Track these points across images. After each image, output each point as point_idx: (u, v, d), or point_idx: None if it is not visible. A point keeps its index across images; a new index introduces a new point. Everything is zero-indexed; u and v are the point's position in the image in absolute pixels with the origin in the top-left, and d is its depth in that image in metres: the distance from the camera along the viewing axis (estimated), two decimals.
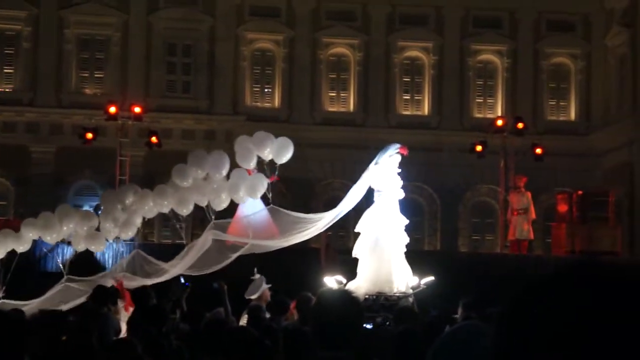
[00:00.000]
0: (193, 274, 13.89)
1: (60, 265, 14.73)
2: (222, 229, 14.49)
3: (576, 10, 35.64)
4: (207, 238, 14.29)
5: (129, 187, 15.26)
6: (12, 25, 33.64)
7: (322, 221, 14.89)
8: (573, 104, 36.06)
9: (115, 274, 13.96)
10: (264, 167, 14.88)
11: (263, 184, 14.63)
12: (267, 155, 14.63)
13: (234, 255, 14.19)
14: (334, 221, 14.99)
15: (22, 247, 14.56)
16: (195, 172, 14.55)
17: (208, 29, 34.35)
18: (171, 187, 14.73)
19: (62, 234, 14.56)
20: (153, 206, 14.58)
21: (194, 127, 33.80)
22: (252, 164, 14.56)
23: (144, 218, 14.99)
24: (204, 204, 14.57)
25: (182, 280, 12.97)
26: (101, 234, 14.64)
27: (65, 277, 14.26)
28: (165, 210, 14.72)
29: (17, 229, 14.83)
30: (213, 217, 14.56)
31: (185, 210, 14.60)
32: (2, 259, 14.44)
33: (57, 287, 13.99)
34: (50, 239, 14.63)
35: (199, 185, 14.56)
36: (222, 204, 14.57)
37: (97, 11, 33.67)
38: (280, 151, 14.68)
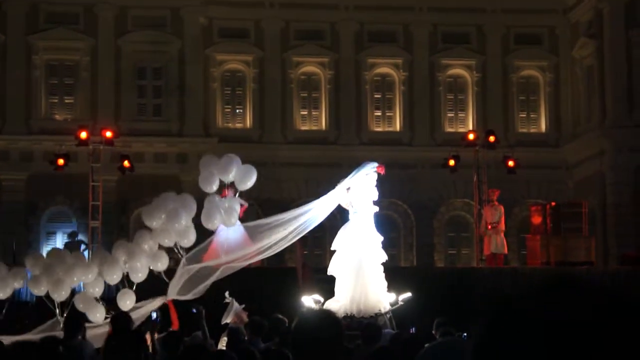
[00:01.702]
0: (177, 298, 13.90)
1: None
2: (195, 260, 14.40)
3: (543, 23, 35.99)
4: (181, 275, 14.19)
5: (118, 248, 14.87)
6: None
7: (290, 225, 14.70)
8: (543, 116, 36.33)
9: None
10: (225, 186, 14.85)
11: (236, 208, 14.57)
12: (230, 180, 14.54)
13: (210, 280, 14.10)
14: (303, 230, 14.81)
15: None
16: (160, 217, 14.38)
17: (177, 51, 34.31)
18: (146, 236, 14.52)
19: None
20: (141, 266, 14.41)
21: (166, 150, 33.68)
22: (214, 188, 14.46)
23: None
24: (171, 244, 14.41)
25: (154, 316, 12.89)
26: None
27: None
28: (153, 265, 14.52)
29: None
30: (183, 253, 14.43)
31: (160, 265, 14.41)
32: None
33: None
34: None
35: (164, 228, 14.33)
36: (190, 242, 14.46)
37: (65, 36, 33.54)
38: (243, 178, 14.59)
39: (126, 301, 14.09)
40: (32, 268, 14.34)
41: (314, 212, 14.82)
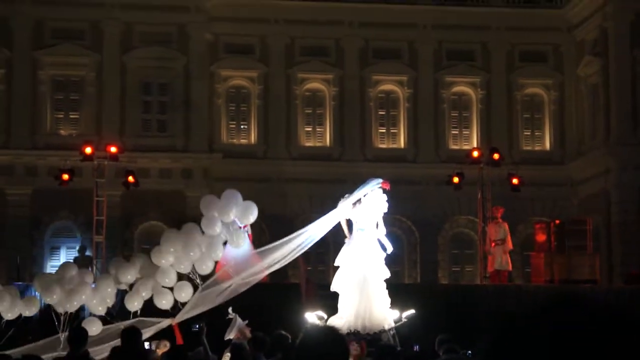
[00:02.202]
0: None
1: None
2: (210, 285, 14.50)
3: (548, 41, 36.04)
4: (195, 300, 14.27)
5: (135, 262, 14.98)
6: None
7: (294, 242, 14.73)
8: (548, 134, 36.33)
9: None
10: None
11: (241, 236, 14.64)
12: (231, 219, 14.57)
13: (220, 299, 14.16)
14: (306, 246, 14.81)
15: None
16: (169, 251, 14.46)
17: (182, 67, 34.39)
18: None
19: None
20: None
21: (171, 166, 33.72)
22: (218, 230, 14.50)
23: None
24: (187, 271, 14.53)
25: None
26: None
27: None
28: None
29: None
30: (200, 282, 14.50)
31: (184, 295, 14.57)
32: None
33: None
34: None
35: (178, 257, 14.47)
36: (208, 269, 14.56)
37: (71, 52, 33.64)
38: (244, 214, 14.63)
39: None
40: (42, 290, 14.42)
41: (316, 229, 14.82)
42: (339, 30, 35.18)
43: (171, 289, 14.41)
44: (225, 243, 14.64)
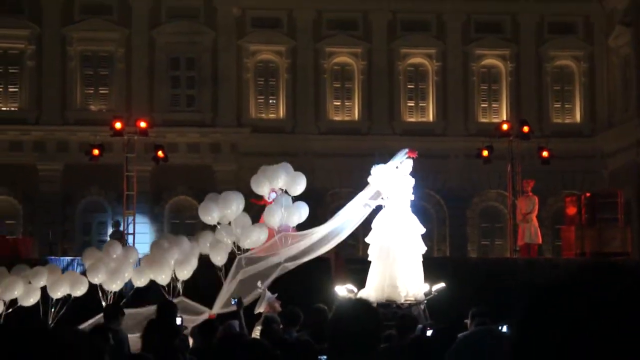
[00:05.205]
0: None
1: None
2: (250, 261, 14.68)
3: (577, 12, 35.64)
4: (235, 277, 14.48)
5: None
6: (16, 45, 33.74)
7: (333, 231, 14.99)
8: (578, 106, 36.02)
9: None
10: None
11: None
12: (280, 184, 15.25)
13: (269, 281, 14.39)
14: (349, 230, 15.06)
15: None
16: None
17: (210, 41, 34.40)
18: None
19: None
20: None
21: (199, 141, 33.82)
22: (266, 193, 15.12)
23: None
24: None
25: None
26: None
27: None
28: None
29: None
30: (240, 252, 14.72)
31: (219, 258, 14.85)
32: None
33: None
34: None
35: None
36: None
37: (100, 27, 33.75)
38: (292, 184, 15.36)
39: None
40: (87, 261, 14.68)
41: (347, 219, 15.10)
42: (366, 3, 34.98)
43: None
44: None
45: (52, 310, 14.43)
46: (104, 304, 14.14)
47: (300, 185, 15.52)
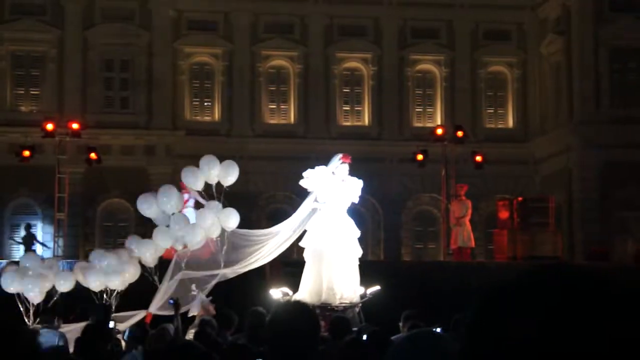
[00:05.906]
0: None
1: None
2: (190, 267, 14.47)
3: (511, 19, 36.13)
4: (174, 277, 14.26)
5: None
6: None
7: (276, 239, 14.90)
8: (511, 112, 36.51)
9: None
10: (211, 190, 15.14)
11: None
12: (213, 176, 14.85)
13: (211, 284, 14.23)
14: (292, 238, 14.95)
15: None
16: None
17: (145, 43, 34.06)
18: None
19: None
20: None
21: (134, 143, 33.44)
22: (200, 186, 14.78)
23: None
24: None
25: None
26: None
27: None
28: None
29: None
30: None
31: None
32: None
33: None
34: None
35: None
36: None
37: (32, 27, 33.18)
38: (225, 174, 14.93)
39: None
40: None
41: (294, 223, 14.96)
42: (303, 7, 34.99)
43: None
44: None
45: None
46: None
47: (232, 175, 15.25)
